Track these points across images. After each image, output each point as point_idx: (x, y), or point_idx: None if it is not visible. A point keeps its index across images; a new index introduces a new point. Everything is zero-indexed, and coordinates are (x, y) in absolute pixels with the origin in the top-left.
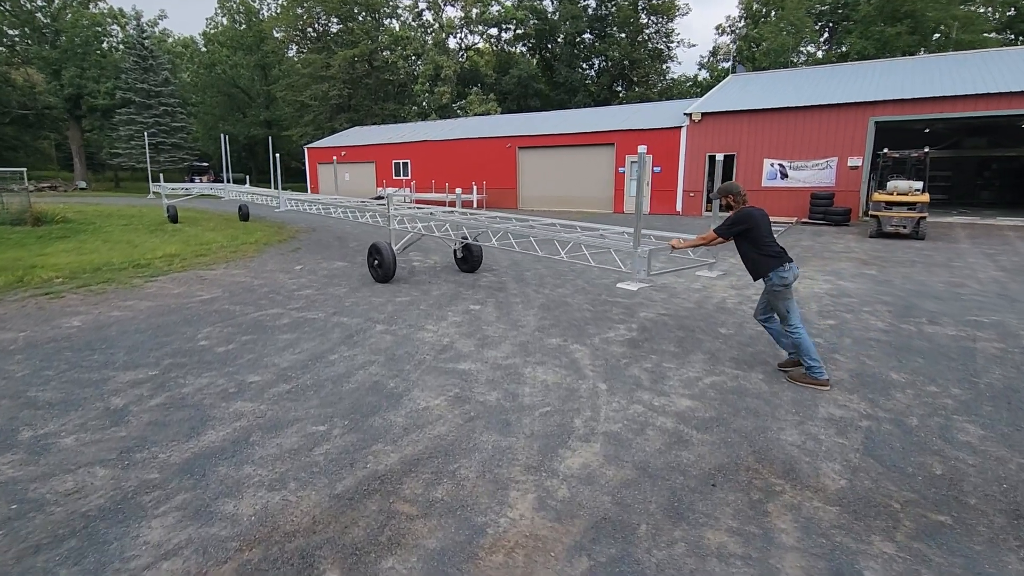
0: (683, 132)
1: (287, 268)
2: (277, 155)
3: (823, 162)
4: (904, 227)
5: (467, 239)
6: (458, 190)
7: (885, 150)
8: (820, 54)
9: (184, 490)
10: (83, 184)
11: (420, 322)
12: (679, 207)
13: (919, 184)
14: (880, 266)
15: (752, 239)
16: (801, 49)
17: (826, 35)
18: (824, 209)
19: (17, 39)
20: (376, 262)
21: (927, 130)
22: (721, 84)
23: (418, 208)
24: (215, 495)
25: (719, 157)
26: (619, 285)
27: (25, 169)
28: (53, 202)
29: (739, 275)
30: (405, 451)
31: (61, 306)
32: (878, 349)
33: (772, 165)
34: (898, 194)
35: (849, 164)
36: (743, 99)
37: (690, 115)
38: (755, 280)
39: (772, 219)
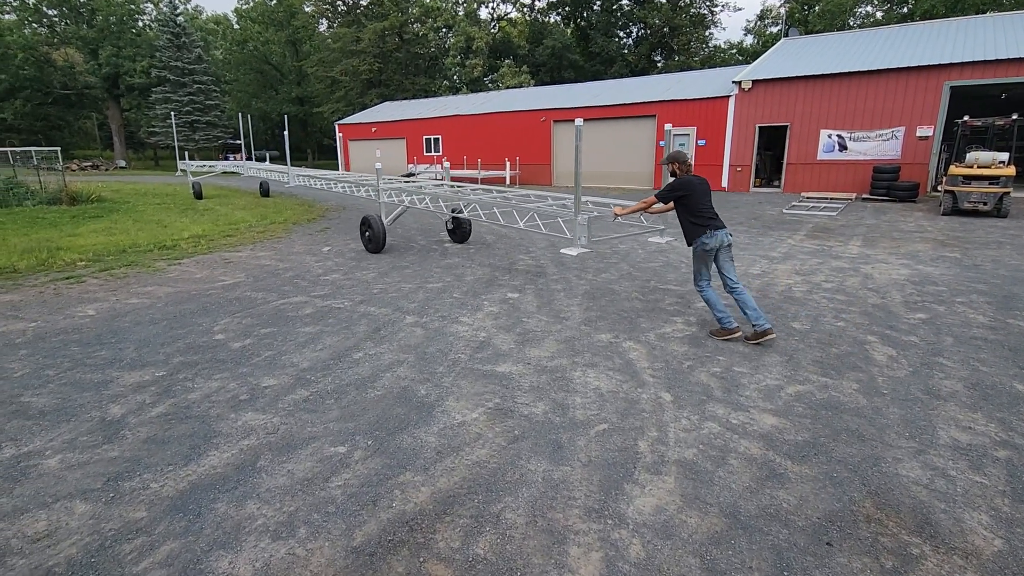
0: (731, 102)
1: (314, 250)
2: (286, 132)
3: (888, 132)
4: (984, 203)
5: (456, 212)
6: (445, 163)
7: (966, 118)
8: (880, 15)
9: (173, 536)
10: (123, 163)
11: (454, 313)
12: (725, 183)
13: (1004, 156)
14: (962, 248)
15: (688, 206)
16: (857, 10)
17: None
18: (888, 184)
19: (56, 19)
20: (367, 234)
21: (1004, 95)
22: (772, 49)
23: (405, 182)
24: (209, 545)
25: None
26: (562, 251)
27: (59, 149)
28: (93, 181)
29: (801, 258)
30: (438, 483)
31: (79, 292)
32: (989, 351)
33: (830, 136)
34: (979, 167)
35: (918, 134)
36: (797, 65)
37: (739, 83)
38: (688, 245)
39: (828, 194)
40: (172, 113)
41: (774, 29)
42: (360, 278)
